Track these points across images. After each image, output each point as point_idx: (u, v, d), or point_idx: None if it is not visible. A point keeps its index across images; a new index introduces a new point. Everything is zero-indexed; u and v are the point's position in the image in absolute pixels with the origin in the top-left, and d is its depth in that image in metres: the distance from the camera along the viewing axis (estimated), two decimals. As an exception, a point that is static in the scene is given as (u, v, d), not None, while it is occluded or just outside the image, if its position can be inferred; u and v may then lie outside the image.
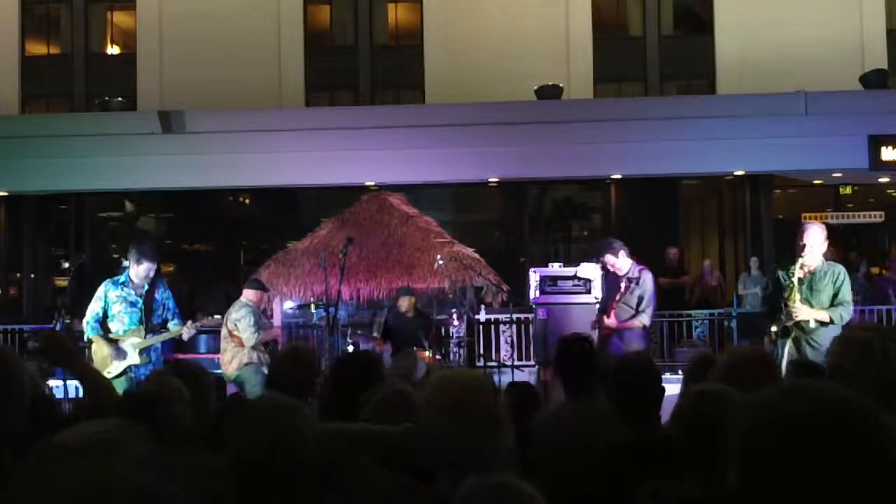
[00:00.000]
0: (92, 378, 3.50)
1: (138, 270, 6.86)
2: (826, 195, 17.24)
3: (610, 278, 7.44)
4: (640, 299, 7.04)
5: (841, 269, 5.95)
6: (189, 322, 7.18)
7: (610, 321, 7.01)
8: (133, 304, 6.87)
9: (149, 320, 6.88)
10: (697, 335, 13.59)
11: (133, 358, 6.77)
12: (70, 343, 3.87)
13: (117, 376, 6.67)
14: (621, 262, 7.19)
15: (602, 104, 16.59)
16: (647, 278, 7.09)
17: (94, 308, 6.89)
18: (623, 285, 7.06)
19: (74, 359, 3.53)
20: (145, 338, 6.83)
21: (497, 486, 1.72)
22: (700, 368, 3.39)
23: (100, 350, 6.80)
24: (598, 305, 7.68)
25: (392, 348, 8.99)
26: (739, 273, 15.56)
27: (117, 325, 6.85)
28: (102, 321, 6.87)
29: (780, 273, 6.03)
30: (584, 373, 3.35)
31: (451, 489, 2.03)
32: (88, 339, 6.82)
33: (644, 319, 7.05)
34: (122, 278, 6.98)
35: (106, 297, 6.88)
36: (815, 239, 5.92)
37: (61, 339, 3.95)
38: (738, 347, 7.01)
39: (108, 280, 7.08)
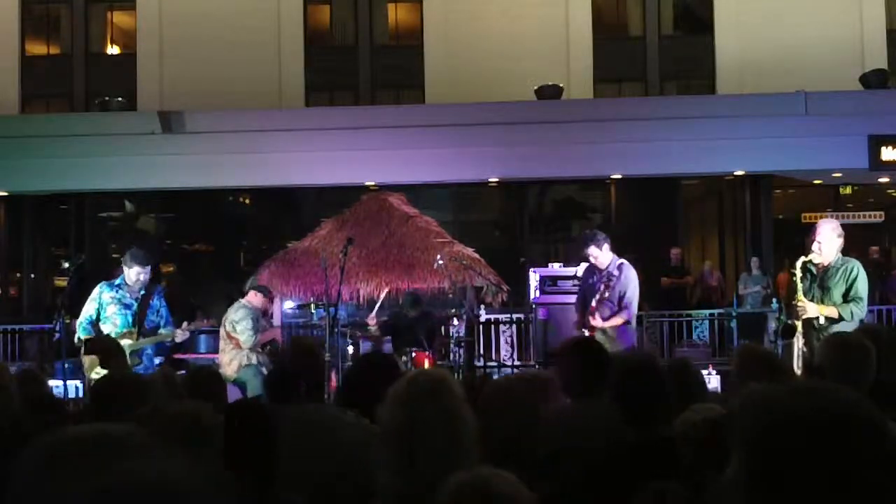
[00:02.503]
0: None
1: (129, 273, 6.90)
2: (826, 195, 17.24)
3: (585, 275, 7.12)
4: (622, 295, 6.69)
5: (855, 265, 5.74)
6: (184, 323, 7.17)
7: (596, 322, 6.59)
8: (127, 307, 6.85)
9: (142, 324, 6.87)
10: (697, 335, 13.60)
11: None
12: (116, 348, 4.03)
13: None
14: (603, 256, 6.89)
15: (602, 104, 16.58)
16: (629, 273, 6.75)
17: (87, 310, 6.89)
18: (602, 284, 6.67)
19: (115, 362, 3.71)
20: (137, 340, 6.82)
21: (478, 479, 1.71)
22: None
23: None
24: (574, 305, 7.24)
25: (393, 348, 9.00)
26: (739, 273, 15.57)
27: (110, 328, 6.79)
28: (95, 323, 6.84)
29: (791, 270, 5.88)
30: (591, 373, 3.32)
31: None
32: (80, 339, 6.80)
33: (626, 315, 6.68)
34: (117, 281, 7.00)
35: (100, 298, 6.88)
36: (826, 235, 5.77)
37: (111, 343, 4.16)
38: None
39: (103, 282, 7.10)
